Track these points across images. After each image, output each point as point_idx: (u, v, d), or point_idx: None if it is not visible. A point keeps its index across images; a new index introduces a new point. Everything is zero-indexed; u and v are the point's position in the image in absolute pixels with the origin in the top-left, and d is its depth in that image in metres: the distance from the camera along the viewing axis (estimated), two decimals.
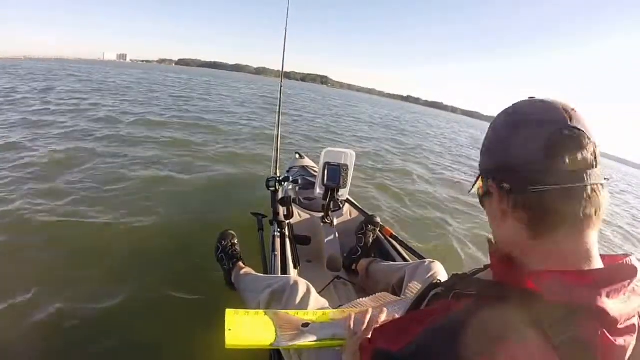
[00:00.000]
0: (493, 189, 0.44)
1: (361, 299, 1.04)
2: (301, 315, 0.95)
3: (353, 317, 0.85)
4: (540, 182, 0.38)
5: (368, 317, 0.85)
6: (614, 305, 0.35)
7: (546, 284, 0.37)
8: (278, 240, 1.63)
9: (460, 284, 0.50)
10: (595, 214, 0.39)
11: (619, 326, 0.35)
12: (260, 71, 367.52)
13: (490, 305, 0.39)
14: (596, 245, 0.40)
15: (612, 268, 0.39)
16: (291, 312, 0.96)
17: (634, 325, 0.36)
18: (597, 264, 0.39)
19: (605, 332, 0.34)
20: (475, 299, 0.43)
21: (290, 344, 0.88)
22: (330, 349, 0.90)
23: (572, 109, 0.40)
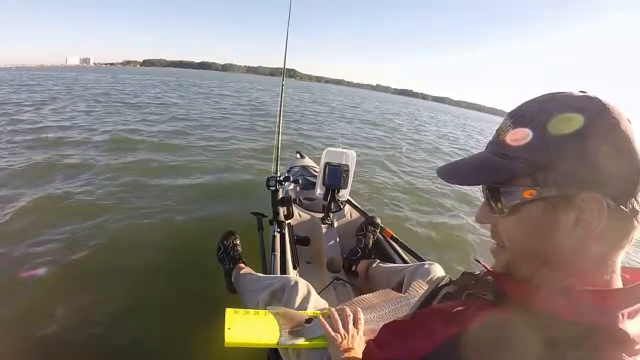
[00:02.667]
0: (559, 199, 0.38)
1: (364, 295, 1.05)
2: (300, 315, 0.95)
3: (336, 316, 0.87)
4: (631, 202, 0.36)
5: (351, 319, 0.87)
6: (633, 326, 0.34)
7: (566, 304, 0.36)
8: (278, 241, 1.62)
9: (474, 285, 0.48)
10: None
11: (637, 347, 0.34)
12: (227, 68, 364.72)
13: (504, 321, 0.38)
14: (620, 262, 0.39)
15: (635, 288, 0.37)
16: (290, 312, 0.97)
17: None
18: (619, 279, 0.39)
19: (625, 355, 0.33)
20: (489, 305, 0.42)
21: (289, 343, 0.88)
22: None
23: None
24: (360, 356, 0.80)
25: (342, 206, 2.12)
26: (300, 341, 0.88)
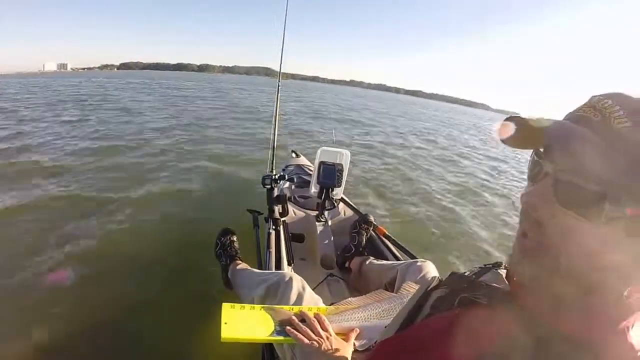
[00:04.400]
0: None
1: (355, 298, 1.07)
2: (295, 311, 0.97)
3: (302, 326, 0.88)
4: None
5: (316, 323, 0.88)
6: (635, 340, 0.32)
7: (562, 316, 0.34)
8: (273, 238, 1.65)
9: (467, 288, 0.46)
10: None
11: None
12: (203, 68, 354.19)
13: (503, 328, 0.35)
14: None
15: (633, 303, 0.33)
16: (286, 307, 0.99)
17: None
18: None
19: None
20: (486, 311, 0.40)
21: (285, 337, 0.90)
22: None
23: None
24: (346, 355, 0.84)
25: (336, 204, 2.15)
26: None
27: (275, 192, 2.04)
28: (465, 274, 0.52)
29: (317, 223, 1.96)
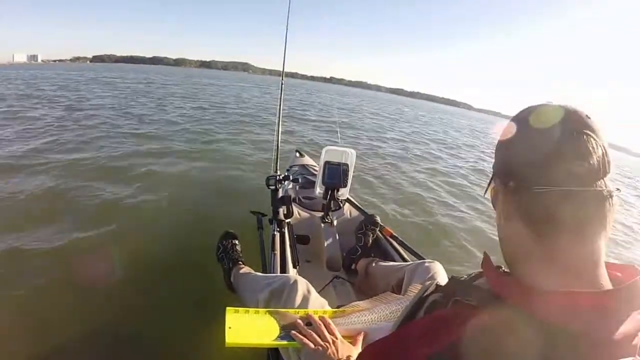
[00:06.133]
0: (500, 188, 0.45)
1: (362, 301, 1.04)
2: (301, 314, 0.95)
3: (306, 330, 0.86)
4: (543, 183, 0.38)
5: (323, 327, 0.86)
6: (621, 328, 0.34)
7: (547, 306, 0.36)
8: (277, 239, 1.62)
9: (460, 291, 0.48)
10: (601, 222, 0.38)
11: (625, 348, 0.34)
12: (179, 62, 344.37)
13: (487, 327, 0.37)
14: (602, 256, 0.39)
15: (623, 290, 0.36)
16: (291, 311, 0.97)
17: (637, 345, 0.35)
18: (603, 276, 0.38)
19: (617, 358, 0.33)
20: (474, 312, 0.41)
21: (290, 342, 0.88)
22: None
23: (586, 115, 0.40)
24: (353, 359, 0.81)
25: (341, 205, 2.13)
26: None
27: (280, 193, 2.02)
28: (462, 278, 0.53)
29: (322, 224, 1.93)
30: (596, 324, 0.34)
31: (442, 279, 1.25)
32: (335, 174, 1.88)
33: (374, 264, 1.62)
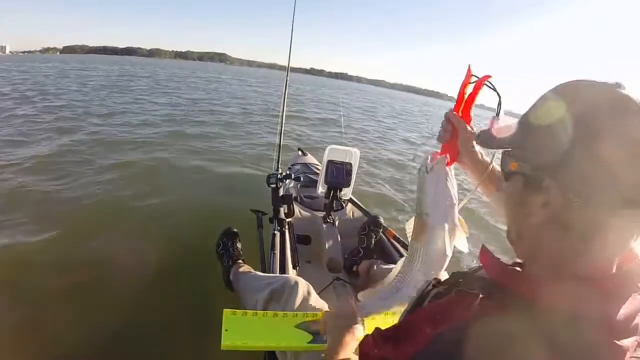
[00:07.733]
0: (554, 194, 0.36)
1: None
2: (300, 317, 0.92)
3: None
4: (621, 206, 0.34)
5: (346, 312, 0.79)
6: (622, 310, 0.35)
7: (552, 291, 0.36)
8: (278, 239, 1.59)
9: (463, 281, 0.48)
10: None
11: (625, 329, 0.35)
12: (153, 53, 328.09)
13: (493, 313, 0.38)
14: None
15: (624, 274, 0.37)
16: (290, 314, 0.94)
17: (637, 324, 0.36)
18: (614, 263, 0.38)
19: (615, 341, 0.34)
20: (478, 300, 0.41)
21: (288, 346, 0.86)
22: None
23: None
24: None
25: (344, 205, 2.09)
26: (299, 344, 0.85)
27: (281, 192, 1.99)
28: (465, 271, 0.53)
29: (324, 224, 1.90)
30: (598, 306, 0.35)
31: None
32: (338, 174, 1.85)
33: (376, 267, 1.58)
